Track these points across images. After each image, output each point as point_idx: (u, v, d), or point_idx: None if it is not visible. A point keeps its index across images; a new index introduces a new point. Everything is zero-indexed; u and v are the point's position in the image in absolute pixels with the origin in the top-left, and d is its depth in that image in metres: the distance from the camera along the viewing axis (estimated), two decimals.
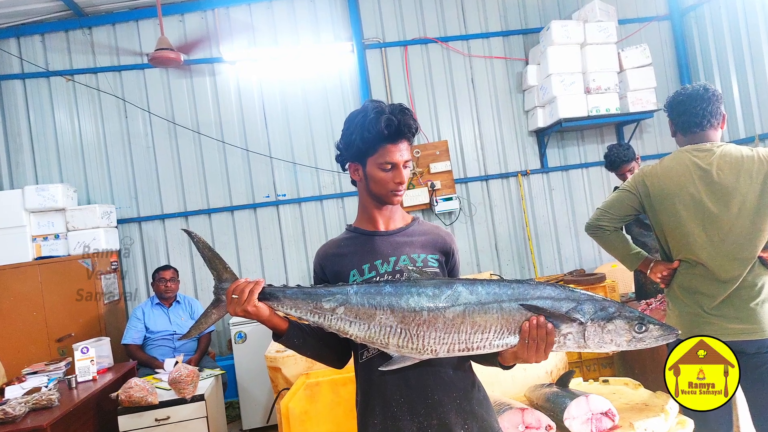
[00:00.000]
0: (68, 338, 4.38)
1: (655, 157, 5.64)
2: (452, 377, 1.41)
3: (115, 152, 5.23)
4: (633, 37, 5.81)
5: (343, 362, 1.55)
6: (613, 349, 1.28)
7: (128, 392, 3.14)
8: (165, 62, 4.57)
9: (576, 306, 1.28)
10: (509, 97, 5.74)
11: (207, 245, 1.45)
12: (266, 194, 5.40)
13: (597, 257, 5.73)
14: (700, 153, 2.09)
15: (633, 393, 2.70)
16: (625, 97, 5.36)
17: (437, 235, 1.53)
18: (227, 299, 1.37)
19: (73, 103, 5.19)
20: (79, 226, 4.60)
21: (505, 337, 1.28)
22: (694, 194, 2.05)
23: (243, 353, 4.51)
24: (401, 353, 1.32)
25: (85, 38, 5.21)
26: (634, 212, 2.24)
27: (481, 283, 1.32)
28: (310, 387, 2.51)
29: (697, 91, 2.12)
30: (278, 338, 1.43)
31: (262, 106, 5.43)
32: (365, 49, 5.52)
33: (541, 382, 2.74)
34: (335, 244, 1.54)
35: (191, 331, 1.49)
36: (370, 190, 1.48)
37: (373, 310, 1.32)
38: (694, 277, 2.09)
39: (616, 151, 3.63)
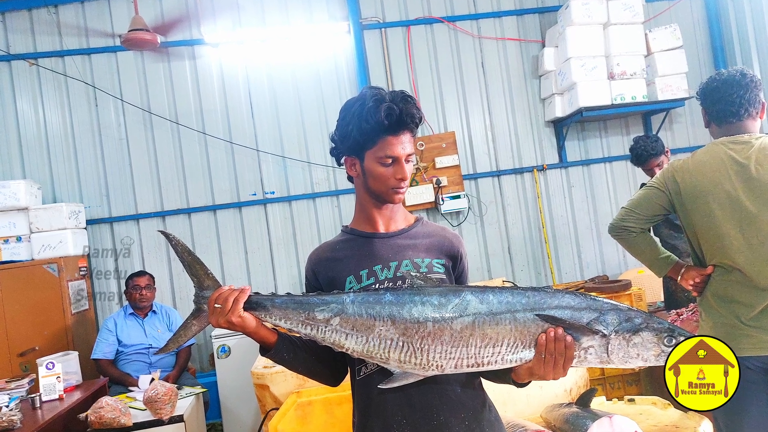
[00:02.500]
0: (31, 352, 4.37)
1: (686, 150, 5.64)
2: (460, 396, 1.41)
3: (84, 145, 5.22)
4: (662, 16, 5.80)
5: (338, 379, 1.55)
6: (639, 364, 1.28)
7: (99, 413, 3.14)
8: (139, 44, 4.56)
9: (598, 316, 1.28)
10: (524, 84, 5.74)
11: (186, 248, 1.45)
12: (253, 192, 5.40)
13: (622, 262, 5.73)
14: (737, 146, 2.09)
15: (662, 413, 2.70)
16: (653, 84, 5.36)
17: (443, 237, 1.53)
18: (209, 309, 1.37)
19: (37, 89, 5.19)
20: (43, 228, 4.60)
21: (519, 351, 1.28)
22: (730, 192, 2.05)
23: (227, 369, 4.50)
24: (403, 369, 1.32)
25: (50, 18, 5.21)
26: (663, 212, 2.24)
27: (493, 291, 1.32)
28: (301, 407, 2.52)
29: (734, 76, 2.13)
30: (266, 352, 1.43)
31: (248, 93, 5.43)
32: (363, 30, 5.52)
33: (559, 402, 2.74)
34: (330, 248, 1.54)
35: (169, 345, 1.49)
36: (368, 187, 1.48)
37: (371, 321, 1.32)
38: (730, 284, 2.09)
39: (643, 144, 3.63)
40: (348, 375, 1.53)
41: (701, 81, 2.26)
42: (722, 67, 5.67)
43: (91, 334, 4.75)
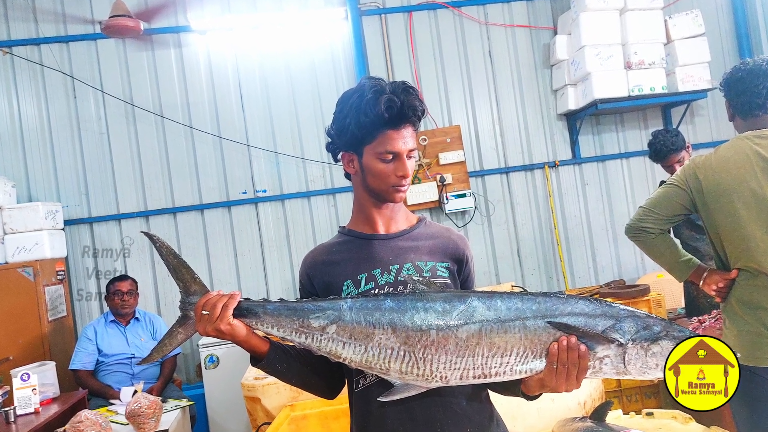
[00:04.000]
0: (5, 362, 4.37)
1: (709, 145, 5.64)
2: (466, 409, 1.41)
3: (61, 140, 5.23)
4: (683, 1, 5.81)
5: (334, 391, 1.55)
6: (658, 375, 1.28)
7: (77, 427, 3.14)
8: (121, 32, 4.57)
9: (614, 324, 1.28)
10: (534, 74, 5.75)
11: (172, 251, 1.45)
12: (243, 190, 5.40)
13: (639, 266, 5.74)
14: (763, 140, 2.10)
15: (683, 428, 2.70)
16: (673, 74, 5.37)
17: (448, 238, 1.53)
18: (196, 316, 1.37)
19: (11, 80, 5.19)
20: (18, 228, 4.61)
21: (529, 362, 1.29)
22: (756, 190, 2.06)
23: (215, 380, 4.51)
24: (405, 381, 1.32)
25: (25, 3, 5.21)
26: (684, 211, 2.25)
27: (501, 296, 1.32)
28: (295, 421, 2.52)
29: (760, 66, 2.13)
30: (257, 362, 1.43)
31: (238, 84, 5.44)
32: (361, 16, 5.52)
33: (572, 416, 2.74)
34: (326, 250, 1.55)
35: (153, 354, 1.49)
36: (367, 185, 1.48)
37: (371, 328, 1.32)
38: (756, 290, 2.09)
39: (663, 139, 3.64)
40: (345, 387, 1.53)
41: (725, 71, 2.27)
42: (747, 56, 5.67)
43: (69, 342, 4.75)
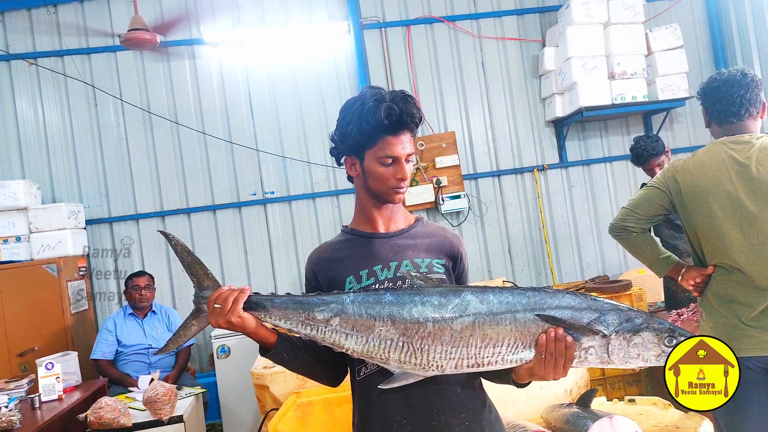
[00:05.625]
0: (31, 353, 4.37)
1: (687, 150, 5.64)
2: (460, 396, 1.41)
3: (83, 145, 5.22)
4: (662, 16, 5.80)
5: (338, 379, 1.55)
6: (640, 364, 1.28)
7: (98, 413, 3.14)
8: (139, 44, 4.56)
9: (599, 317, 1.28)
10: (524, 84, 5.74)
11: (186, 249, 1.45)
12: (252, 192, 5.40)
13: (622, 262, 5.73)
14: (738, 145, 2.09)
15: (662, 414, 2.70)
16: (653, 84, 5.36)
17: (443, 237, 1.53)
18: (209, 309, 1.37)
19: (37, 89, 5.19)
20: (43, 228, 4.60)
21: (519, 352, 1.29)
22: (730, 192, 2.05)
23: (226, 369, 4.51)
24: (403, 369, 1.32)
25: (49, 17, 5.21)
26: (664, 212, 2.25)
27: (493, 291, 1.32)
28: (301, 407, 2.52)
29: (734, 76, 2.13)
30: (266, 353, 1.43)
31: (248, 93, 5.43)
32: (363, 30, 5.52)
33: (559, 402, 2.74)
34: (329, 248, 1.54)
35: (168, 345, 1.49)
36: (368, 187, 1.48)
37: (371, 321, 1.32)
38: (731, 285, 2.09)
39: (644, 144, 3.63)
40: (348, 375, 1.53)
41: (702, 81, 2.26)
42: (723, 67, 5.67)
43: (90, 334, 4.75)
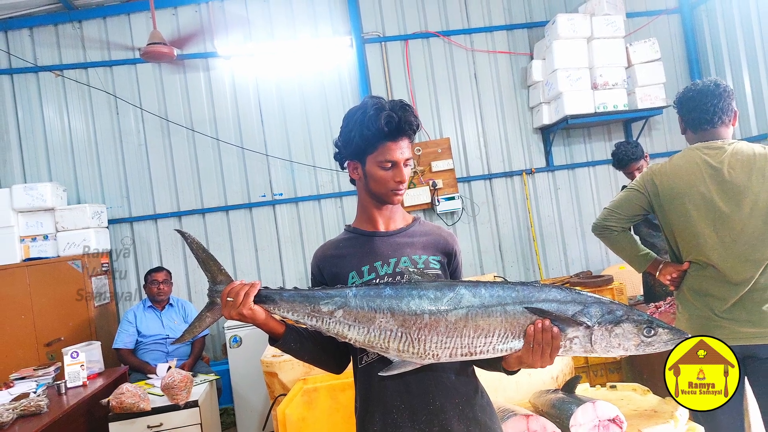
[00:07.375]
0: (57, 342, 4.38)
1: (664, 155, 5.64)
2: (454, 383, 1.41)
3: (106, 150, 5.23)
4: (641, 31, 5.80)
5: (341, 367, 1.55)
6: (620, 353, 1.28)
7: (119, 398, 3.14)
8: (157, 57, 4.56)
9: (582, 309, 1.28)
10: (513, 93, 5.74)
11: (201, 246, 1.45)
12: (262, 193, 5.40)
13: (604, 259, 5.73)
14: (711, 151, 2.09)
15: (641, 399, 2.70)
16: (633, 93, 5.36)
17: (439, 235, 1.53)
18: (222, 302, 1.37)
19: (63, 99, 5.19)
20: (68, 227, 4.60)
21: (509, 341, 1.29)
22: (704, 193, 2.05)
23: (238, 358, 4.50)
24: (402, 358, 1.33)
25: (74, 32, 5.21)
26: (643, 212, 2.25)
27: (485, 285, 1.32)
28: (307, 393, 2.52)
29: (708, 86, 2.13)
30: (275, 342, 1.43)
31: (258, 102, 5.44)
32: (364, 44, 5.52)
33: (546, 388, 2.74)
34: (333, 245, 1.54)
35: (184, 335, 1.49)
36: (369, 189, 1.48)
37: (372, 313, 1.32)
38: (705, 279, 2.09)
39: (624, 149, 3.63)
40: (351, 363, 1.53)
41: (678, 91, 2.26)
42: (697, 78, 5.66)
43: (112, 325, 4.75)
